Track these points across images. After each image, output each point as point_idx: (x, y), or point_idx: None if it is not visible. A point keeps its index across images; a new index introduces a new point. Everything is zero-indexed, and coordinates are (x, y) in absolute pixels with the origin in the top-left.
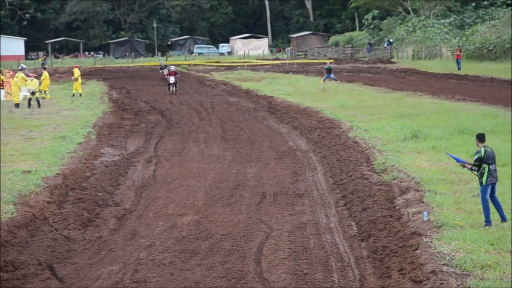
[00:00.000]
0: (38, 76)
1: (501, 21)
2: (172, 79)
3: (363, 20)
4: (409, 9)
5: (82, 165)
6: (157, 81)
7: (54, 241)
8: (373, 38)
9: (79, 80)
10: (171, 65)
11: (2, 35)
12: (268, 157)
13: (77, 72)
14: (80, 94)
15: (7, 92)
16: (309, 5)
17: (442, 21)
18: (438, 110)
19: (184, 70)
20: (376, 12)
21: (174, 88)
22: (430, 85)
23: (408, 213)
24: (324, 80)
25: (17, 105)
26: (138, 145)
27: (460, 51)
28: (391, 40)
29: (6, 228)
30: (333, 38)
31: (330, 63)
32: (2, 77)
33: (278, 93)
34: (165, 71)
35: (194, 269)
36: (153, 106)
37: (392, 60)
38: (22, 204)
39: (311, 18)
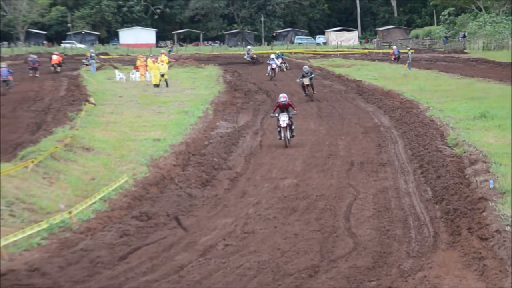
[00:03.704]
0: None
1: None
2: (284, 120)
3: (440, 16)
4: (481, 7)
5: (201, 135)
6: (264, 66)
7: (179, 197)
8: (449, 31)
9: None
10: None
11: (137, 27)
12: (356, 132)
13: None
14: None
15: (141, 74)
16: (393, 2)
17: (510, 17)
18: (504, 94)
19: (286, 57)
20: (451, 9)
21: (287, 133)
22: (498, 73)
23: (476, 181)
24: (409, 66)
25: (156, 85)
26: (247, 119)
27: None
28: (465, 33)
29: (141, 185)
30: (414, 32)
31: (412, 51)
32: (138, 62)
33: (366, 77)
34: (273, 64)
35: (293, 224)
36: (260, 87)
37: (465, 50)
38: (154, 166)
39: (395, 14)
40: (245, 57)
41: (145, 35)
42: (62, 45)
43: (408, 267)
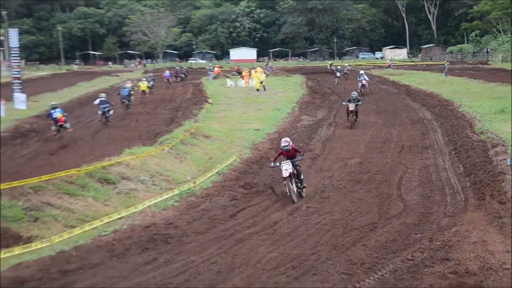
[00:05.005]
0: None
1: None
2: (286, 169)
3: (470, 37)
4: (500, 30)
5: (289, 126)
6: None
7: (273, 171)
8: (476, 48)
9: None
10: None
11: (243, 47)
12: (406, 123)
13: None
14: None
15: (246, 82)
16: (434, 27)
17: None
18: None
19: (352, 69)
20: (478, 31)
21: (292, 186)
22: None
23: (497, 159)
24: (445, 74)
25: (257, 90)
26: (323, 114)
27: None
28: (488, 49)
29: (245, 163)
30: (449, 48)
31: (447, 63)
32: (243, 72)
33: (413, 83)
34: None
35: (358, 191)
36: (333, 91)
37: (488, 62)
38: (255, 149)
39: (435, 35)
40: (338, 74)
41: (248, 53)
42: (189, 61)
43: (445, 224)
